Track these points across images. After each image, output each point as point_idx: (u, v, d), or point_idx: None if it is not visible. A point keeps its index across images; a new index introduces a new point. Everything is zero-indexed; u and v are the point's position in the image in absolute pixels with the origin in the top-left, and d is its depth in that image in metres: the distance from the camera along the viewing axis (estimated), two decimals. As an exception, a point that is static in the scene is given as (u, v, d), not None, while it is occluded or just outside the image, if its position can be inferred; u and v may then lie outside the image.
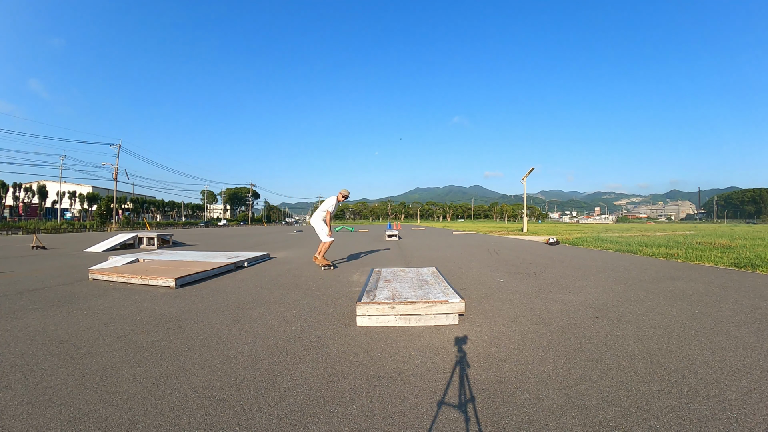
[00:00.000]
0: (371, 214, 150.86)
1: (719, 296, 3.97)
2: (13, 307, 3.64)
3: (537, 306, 3.59)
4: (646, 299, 3.85)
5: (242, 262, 6.50)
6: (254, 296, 4.10)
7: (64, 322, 3.10)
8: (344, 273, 5.84)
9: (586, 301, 3.77)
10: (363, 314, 2.96)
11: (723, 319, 3.10)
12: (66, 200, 52.86)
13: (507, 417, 1.61)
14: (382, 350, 2.43)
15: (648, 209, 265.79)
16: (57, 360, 2.27)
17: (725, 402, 1.71)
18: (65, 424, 1.56)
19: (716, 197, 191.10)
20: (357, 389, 1.88)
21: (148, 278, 4.77)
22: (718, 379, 1.95)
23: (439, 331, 2.81)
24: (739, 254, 7.48)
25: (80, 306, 3.69)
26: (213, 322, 3.11)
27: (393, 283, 3.82)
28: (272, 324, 3.04)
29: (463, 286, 4.66)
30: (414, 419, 1.60)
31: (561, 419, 1.59)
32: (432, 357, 2.31)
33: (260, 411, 1.67)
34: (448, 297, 3.08)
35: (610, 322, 3.03)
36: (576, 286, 4.59)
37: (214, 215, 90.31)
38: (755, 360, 2.21)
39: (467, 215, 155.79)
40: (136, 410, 1.67)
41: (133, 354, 2.37)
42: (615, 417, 1.60)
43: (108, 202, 42.56)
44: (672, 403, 1.71)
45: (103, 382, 1.96)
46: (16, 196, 44.81)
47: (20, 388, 1.89)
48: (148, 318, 3.23)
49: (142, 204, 57.96)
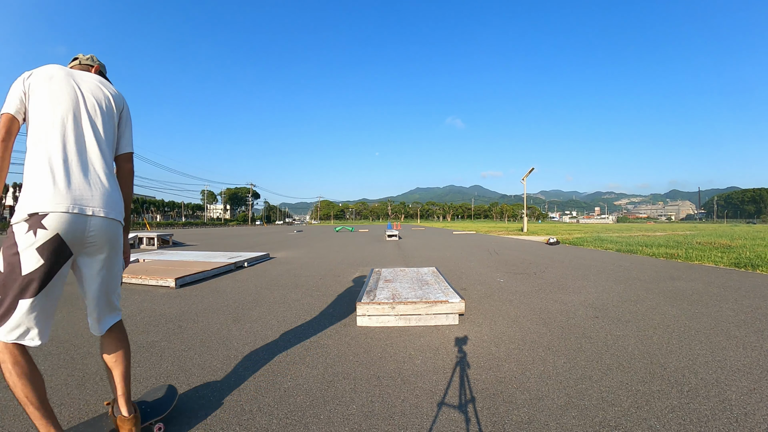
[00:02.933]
0: (371, 214, 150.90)
1: (719, 296, 3.97)
2: (13, 307, 3.64)
3: (537, 306, 3.59)
4: (646, 299, 3.85)
5: (242, 262, 6.50)
6: (254, 296, 4.10)
7: (64, 322, 3.10)
8: (344, 273, 5.84)
9: (586, 301, 3.77)
10: (363, 314, 2.96)
11: (723, 319, 3.10)
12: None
13: (507, 417, 1.61)
14: (382, 350, 2.43)
15: (648, 209, 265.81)
16: (57, 360, 2.27)
17: (725, 402, 1.71)
18: (65, 424, 1.56)
19: (716, 197, 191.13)
20: (357, 389, 1.88)
21: (148, 278, 4.77)
22: (718, 379, 1.95)
23: (439, 331, 2.81)
24: (739, 254, 7.48)
25: (80, 306, 3.69)
26: (213, 322, 3.11)
27: (393, 283, 3.82)
28: (272, 324, 3.04)
29: (463, 286, 4.67)
30: (414, 419, 1.60)
31: (561, 419, 1.59)
32: (432, 357, 2.31)
33: (260, 411, 1.67)
34: (448, 297, 3.08)
35: (610, 322, 3.03)
36: (576, 286, 4.59)
37: (214, 215, 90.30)
38: (755, 360, 2.21)
39: (467, 215, 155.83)
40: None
41: (133, 354, 2.37)
42: (615, 417, 1.60)
43: (108, 202, 42.57)
44: (672, 403, 1.71)
45: (103, 382, 1.96)
46: (16, 196, 44.94)
47: (20, 388, 1.89)
48: (148, 318, 3.23)
49: (142, 204, 57.99)
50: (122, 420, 1.35)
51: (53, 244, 1.16)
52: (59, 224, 1.16)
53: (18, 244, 1.14)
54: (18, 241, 1.14)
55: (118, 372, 1.38)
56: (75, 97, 1.30)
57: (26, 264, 1.13)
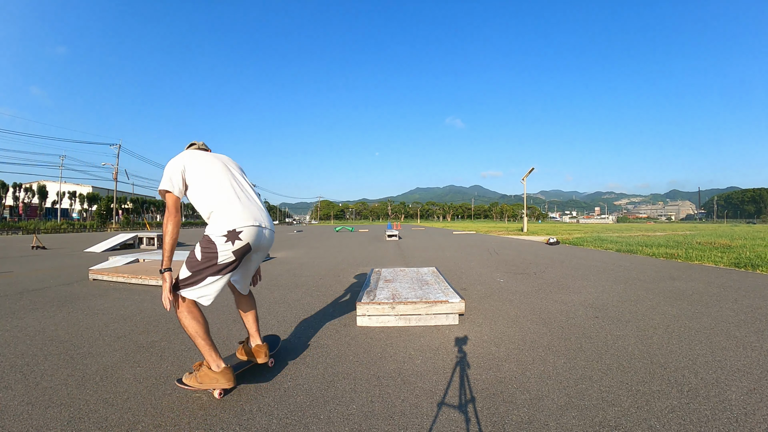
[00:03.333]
0: (371, 214, 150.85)
1: (719, 296, 3.97)
2: (14, 307, 3.64)
3: (537, 306, 3.59)
4: (646, 299, 3.85)
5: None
6: (254, 296, 4.10)
7: (64, 322, 3.10)
8: (344, 273, 5.84)
9: (586, 301, 3.77)
10: (363, 314, 2.96)
11: (723, 319, 3.10)
12: (66, 200, 52.87)
13: (507, 417, 1.61)
14: (382, 350, 2.43)
15: (648, 209, 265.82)
16: (57, 360, 2.27)
17: (725, 402, 1.71)
18: (65, 424, 1.56)
19: (716, 197, 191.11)
20: (357, 389, 1.88)
21: (148, 278, 4.77)
22: (718, 379, 1.95)
23: (439, 331, 2.81)
24: (739, 254, 7.48)
25: (80, 306, 3.70)
26: (213, 322, 3.11)
27: (393, 283, 3.82)
28: (272, 324, 3.04)
29: (463, 286, 4.67)
30: (414, 419, 1.60)
31: (561, 419, 1.59)
32: (432, 357, 2.31)
33: (260, 411, 1.67)
34: (448, 297, 3.08)
35: (610, 322, 3.03)
36: (576, 286, 4.59)
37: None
38: (755, 360, 2.21)
39: (467, 215, 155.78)
40: (136, 410, 1.67)
41: (133, 354, 2.37)
42: (615, 417, 1.60)
43: (108, 202, 42.57)
44: (672, 403, 1.71)
45: (103, 382, 1.96)
46: (16, 196, 44.84)
47: (20, 388, 1.89)
48: (148, 318, 3.23)
49: (142, 204, 57.96)
50: (258, 347, 2.04)
51: (244, 249, 1.75)
52: (250, 235, 1.75)
53: (217, 246, 1.69)
54: (217, 244, 1.69)
55: (251, 318, 2.09)
56: (222, 164, 1.91)
57: (222, 259, 1.70)
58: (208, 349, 1.76)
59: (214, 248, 1.69)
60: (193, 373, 1.82)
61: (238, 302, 2.11)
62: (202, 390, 1.81)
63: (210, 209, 1.76)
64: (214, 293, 1.76)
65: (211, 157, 1.90)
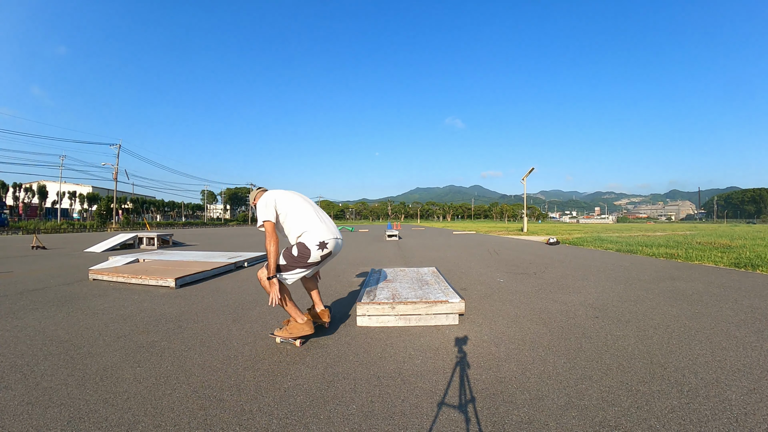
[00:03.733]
0: (371, 214, 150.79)
1: (719, 296, 3.97)
2: (13, 307, 3.64)
3: (537, 306, 3.59)
4: (646, 299, 3.85)
5: (242, 262, 6.50)
6: (254, 296, 4.10)
7: (64, 322, 3.10)
8: (344, 273, 5.84)
9: (586, 301, 3.77)
10: (363, 314, 2.96)
11: (723, 319, 3.10)
12: (66, 200, 52.87)
13: (507, 417, 1.61)
14: (382, 350, 2.43)
15: (648, 209, 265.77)
16: (57, 360, 2.27)
17: (725, 402, 1.71)
18: (65, 424, 1.56)
19: (716, 197, 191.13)
20: (357, 389, 1.88)
21: (148, 278, 4.77)
22: (718, 379, 1.95)
23: (440, 331, 2.81)
24: (739, 254, 7.48)
25: (80, 306, 3.70)
26: (213, 322, 3.11)
27: (393, 283, 3.82)
28: (272, 324, 3.04)
29: (463, 286, 4.67)
30: (414, 419, 1.60)
31: (561, 419, 1.59)
32: (432, 357, 2.31)
33: (260, 411, 1.67)
34: (448, 297, 3.08)
35: (610, 322, 3.03)
36: (576, 286, 4.59)
37: (214, 215, 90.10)
38: (755, 360, 2.21)
39: (467, 215, 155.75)
40: (136, 410, 1.67)
41: (133, 354, 2.37)
42: (615, 417, 1.60)
43: (108, 202, 42.54)
44: (672, 403, 1.71)
45: (103, 382, 1.96)
46: (16, 196, 44.83)
47: (20, 388, 1.89)
48: (148, 318, 3.23)
49: (142, 204, 57.94)
50: (323, 311, 2.74)
51: (328, 254, 2.47)
52: (333, 246, 2.49)
53: (311, 251, 2.39)
54: (311, 250, 2.39)
55: (315, 292, 2.79)
56: (302, 198, 2.66)
57: (312, 259, 2.41)
58: (293, 308, 2.44)
59: (308, 252, 2.39)
60: (283, 327, 2.51)
61: (306, 283, 2.78)
62: (291, 338, 2.46)
63: (303, 229, 2.45)
64: (295, 279, 2.44)
65: (293, 194, 2.63)
